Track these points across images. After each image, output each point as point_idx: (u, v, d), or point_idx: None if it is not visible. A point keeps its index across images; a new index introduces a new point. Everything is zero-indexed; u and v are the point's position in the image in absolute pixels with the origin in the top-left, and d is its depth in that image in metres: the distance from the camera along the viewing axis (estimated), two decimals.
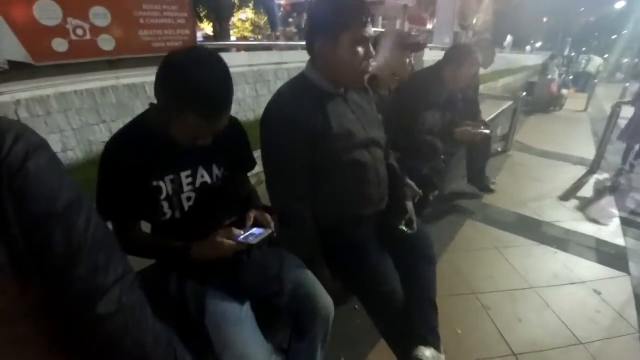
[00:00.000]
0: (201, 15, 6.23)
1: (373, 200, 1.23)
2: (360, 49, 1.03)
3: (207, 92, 0.80)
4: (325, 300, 1.04)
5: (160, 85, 0.83)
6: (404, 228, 1.28)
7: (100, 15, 3.26)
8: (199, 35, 7.15)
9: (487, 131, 2.35)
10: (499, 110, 4.42)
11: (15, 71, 2.93)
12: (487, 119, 4.22)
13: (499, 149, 4.51)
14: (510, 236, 2.61)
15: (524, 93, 4.93)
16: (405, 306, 1.20)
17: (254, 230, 0.94)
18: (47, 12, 2.92)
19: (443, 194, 2.96)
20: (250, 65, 5.05)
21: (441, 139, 2.20)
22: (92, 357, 0.64)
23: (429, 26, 14.15)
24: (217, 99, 0.83)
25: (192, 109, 0.81)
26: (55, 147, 3.35)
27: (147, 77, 3.95)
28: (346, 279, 1.26)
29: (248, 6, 7.17)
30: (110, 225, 0.96)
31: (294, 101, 1.06)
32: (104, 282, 0.60)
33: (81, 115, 3.58)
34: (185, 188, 0.97)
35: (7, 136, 0.55)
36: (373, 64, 1.82)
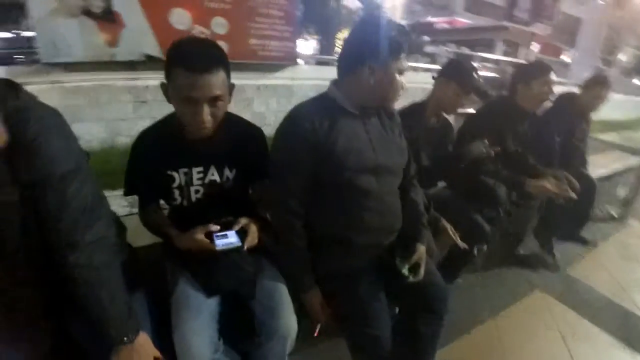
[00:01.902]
0: (309, 30, 6.73)
1: (371, 230, 1.14)
2: (399, 79, 1.06)
3: (190, 49, 0.92)
4: (288, 319, 1.02)
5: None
6: (405, 272, 1.15)
7: (220, 25, 3.84)
8: (310, 49, 7.71)
9: (573, 195, 1.89)
10: (625, 167, 3.59)
11: (150, 63, 3.64)
12: (603, 173, 3.49)
13: (615, 215, 3.66)
14: (587, 325, 2.07)
15: None
16: None
17: (231, 237, 0.99)
18: (180, 18, 3.58)
19: (497, 250, 2.54)
20: None
21: (507, 186, 1.91)
22: (68, 299, 0.77)
23: (566, 58, 12.39)
24: (198, 54, 0.91)
25: (177, 64, 0.90)
26: None
27: (248, 80, 4.44)
28: (333, 308, 1.20)
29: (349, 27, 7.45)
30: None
31: (306, 113, 1.08)
32: (80, 239, 0.76)
33: None
34: (195, 182, 1.09)
35: (30, 116, 0.73)
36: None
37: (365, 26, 1.09)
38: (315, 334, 1.16)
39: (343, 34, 7.15)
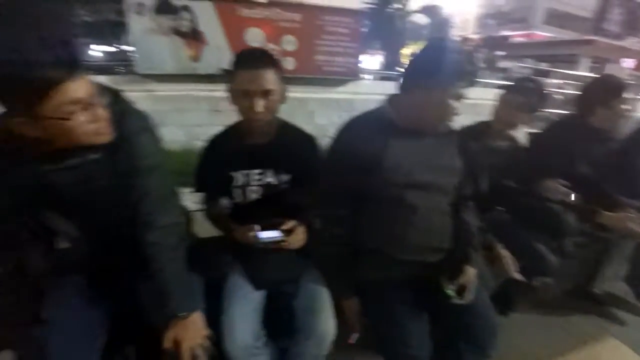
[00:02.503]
0: (375, 46, 6.81)
1: (414, 246, 1.14)
2: (453, 104, 1.06)
3: (245, 53, 1.12)
4: (327, 321, 1.06)
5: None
6: (450, 292, 1.11)
7: (289, 42, 4.11)
8: (376, 64, 7.77)
9: None
10: None
11: (225, 77, 4.00)
12: None
13: None
14: None
15: None
16: None
17: (274, 233, 1.08)
18: (254, 37, 3.92)
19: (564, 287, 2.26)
20: None
21: (579, 216, 1.73)
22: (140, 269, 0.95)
23: None
24: (252, 56, 1.09)
25: (236, 67, 1.07)
26: None
27: (312, 94, 4.65)
28: (370, 321, 1.21)
29: (417, 42, 7.33)
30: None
31: (359, 126, 1.13)
32: (156, 221, 0.93)
33: None
34: (253, 183, 1.20)
35: (129, 118, 0.90)
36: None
37: (429, 48, 1.10)
38: (350, 341, 1.18)
39: (408, 50, 7.12)
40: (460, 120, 1.36)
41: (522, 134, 1.84)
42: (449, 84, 1.03)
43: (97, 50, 11.60)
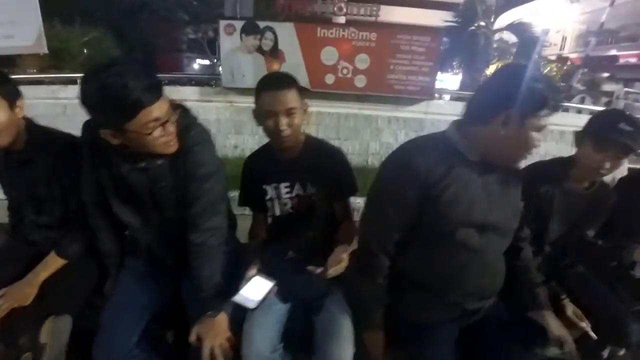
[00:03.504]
0: (456, 64, 6.51)
1: (464, 289, 1.05)
2: (536, 137, 0.95)
3: (267, 78, 1.18)
4: (345, 349, 1.02)
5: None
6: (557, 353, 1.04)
7: (362, 60, 4.19)
8: (457, 83, 7.44)
9: None
10: None
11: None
12: None
13: None
14: None
15: None
16: None
17: (254, 294, 1.05)
18: (329, 55, 4.09)
19: None
20: None
21: None
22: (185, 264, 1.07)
23: None
24: (273, 79, 1.16)
25: (260, 90, 1.13)
26: None
27: (381, 111, 4.66)
28: (395, 358, 1.14)
29: (504, 61, 6.76)
30: None
31: (422, 151, 1.02)
32: (201, 224, 1.05)
33: (326, 130, 4.67)
34: (284, 196, 1.27)
35: (192, 131, 1.04)
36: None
37: (507, 73, 1.00)
38: None
39: (491, 69, 6.67)
40: (547, 149, 1.23)
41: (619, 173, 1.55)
42: (529, 110, 0.91)
43: (199, 64, 13.31)
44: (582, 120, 1.39)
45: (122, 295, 1.12)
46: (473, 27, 5.25)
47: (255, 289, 1.06)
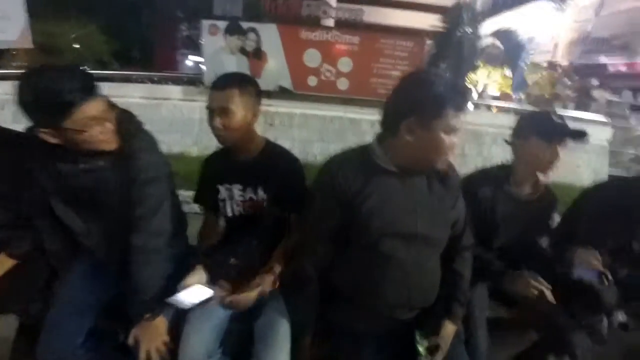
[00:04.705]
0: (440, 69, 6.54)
1: (390, 303, 1.04)
2: (447, 139, 0.94)
3: (218, 77, 1.17)
4: (279, 356, 1.03)
5: None
6: (421, 350, 0.98)
7: (345, 64, 4.21)
8: None
9: None
10: None
11: (281, 94, 4.28)
12: None
13: None
14: None
15: None
16: None
17: (191, 297, 1.02)
18: (312, 57, 4.11)
19: None
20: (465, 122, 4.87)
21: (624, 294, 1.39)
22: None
23: None
24: (220, 78, 1.15)
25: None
26: None
27: (365, 115, 4.67)
28: None
29: (498, 67, 6.81)
30: None
31: (340, 164, 1.04)
32: (143, 227, 1.06)
33: (310, 132, 4.68)
34: (237, 198, 1.27)
35: (136, 136, 1.06)
36: None
37: (407, 82, 1.00)
38: None
39: (477, 75, 6.71)
40: None
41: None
42: (432, 114, 0.90)
43: (192, 61, 13.23)
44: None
45: (67, 294, 1.12)
46: (459, 33, 5.30)
47: (192, 295, 1.05)
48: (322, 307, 1.10)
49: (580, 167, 5.03)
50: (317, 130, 4.68)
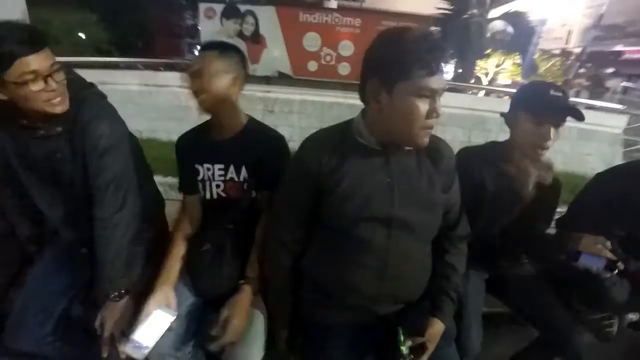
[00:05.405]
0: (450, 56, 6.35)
1: (365, 293, 0.95)
2: (420, 105, 0.81)
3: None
4: (251, 348, 0.97)
5: None
6: (403, 349, 0.89)
7: (346, 47, 4.06)
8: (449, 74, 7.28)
9: None
10: None
11: (280, 79, 4.17)
12: None
13: None
14: None
15: None
16: None
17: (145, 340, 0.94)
18: (312, 41, 3.97)
19: None
20: (472, 109, 4.72)
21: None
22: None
23: None
24: (204, 43, 1.12)
25: None
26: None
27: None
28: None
29: (509, 54, 6.58)
30: None
31: (314, 143, 0.95)
32: (106, 199, 0.99)
33: (310, 118, 4.57)
34: (217, 178, 1.19)
35: (89, 105, 0.99)
36: None
37: (378, 38, 0.87)
38: None
39: (487, 61, 6.50)
40: None
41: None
42: (397, 75, 0.78)
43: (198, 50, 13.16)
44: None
45: (36, 281, 1.07)
46: (466, 16, 5.09)
47: (152, 328, 0.96)
48: (294, 295, 1.04)
49: (591, 155, 4.85)
50: (316, 116, 4.56)
